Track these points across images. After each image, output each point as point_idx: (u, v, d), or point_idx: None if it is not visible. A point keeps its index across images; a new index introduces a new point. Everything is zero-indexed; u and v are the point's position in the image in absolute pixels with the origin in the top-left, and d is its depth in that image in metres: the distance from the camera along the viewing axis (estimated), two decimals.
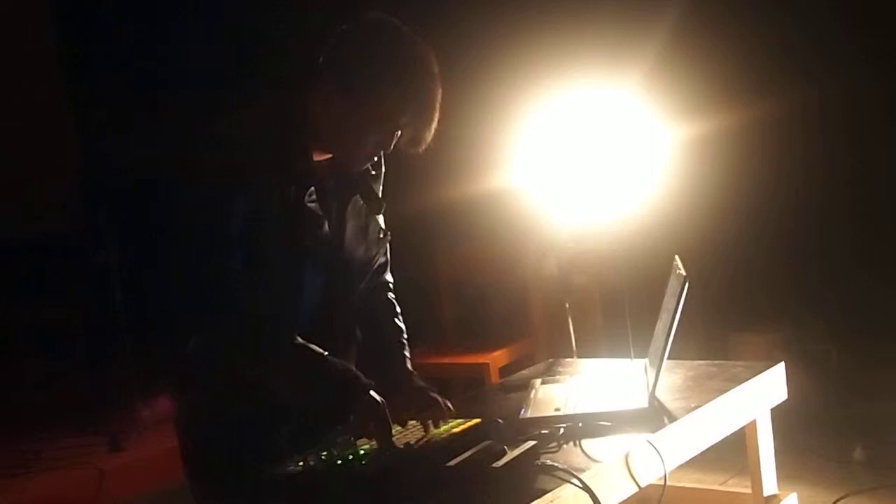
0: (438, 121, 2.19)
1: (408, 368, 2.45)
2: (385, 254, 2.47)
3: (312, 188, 2.18)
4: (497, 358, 4.61)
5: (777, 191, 4.39)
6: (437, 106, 2.17)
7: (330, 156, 2.23)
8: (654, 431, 2.15)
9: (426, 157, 2.29)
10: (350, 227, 2.29)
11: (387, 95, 2.11)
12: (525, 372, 2.94)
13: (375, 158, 2.26)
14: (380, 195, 2.34)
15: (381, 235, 2.38)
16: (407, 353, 2.48)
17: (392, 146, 2.21)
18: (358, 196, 2.30)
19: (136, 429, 4.41)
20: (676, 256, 2.44)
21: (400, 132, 2.18)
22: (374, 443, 2.12)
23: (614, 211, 3.11)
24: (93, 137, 5.54)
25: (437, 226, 5.05)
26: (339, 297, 2.29)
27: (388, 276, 2.53)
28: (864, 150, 4.34)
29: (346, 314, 2.33)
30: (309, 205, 2.18)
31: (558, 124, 3.03)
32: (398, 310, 2.52)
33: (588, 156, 3.01)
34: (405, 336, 2.50)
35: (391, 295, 2.53)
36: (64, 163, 5.51)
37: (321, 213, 2.20)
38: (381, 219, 2.38)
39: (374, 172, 2.32)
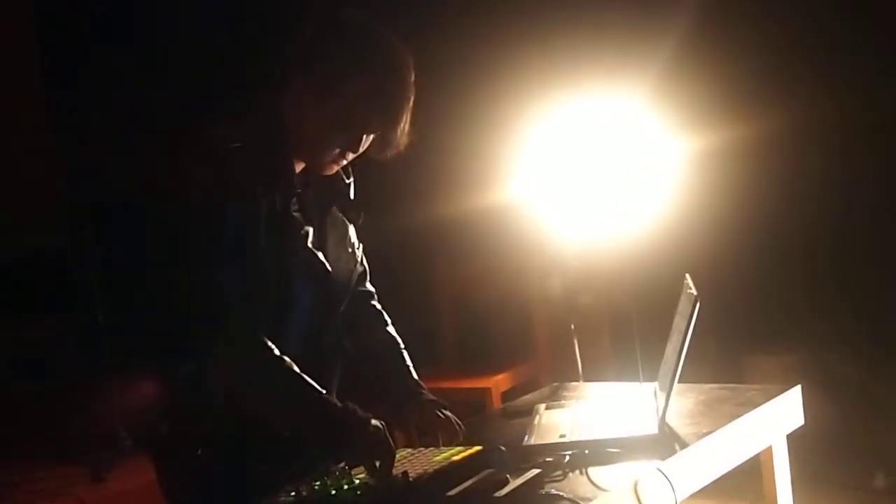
0: (412, 126, 2.23)
1: (413, 379, 2.48)
2: (362, 263, 2.50)
3: (295, 198, 2.22)
4: (499, 382, 4.62)
5: (792, 205, 4.40)
6: (408, 106, 2.22)
7: (303, 166, 2.27)
8: (664, 458, 2.15)
9: (425, 171, 2.32)
10: (331, 239, 2.33)
11: (355, 92, 2.15)
12: (529, 396, 2.95)
13: (344, 162, 2.28)
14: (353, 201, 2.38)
15: (358, 246, 2.43)
16: (409, 362, 2.51)
17: (361, 148, 2.24)
18: (335, 207, 2.34)
19: (119, 459, 4.41)
20: (687, 275, 2.45)
21: (368, 135, 2.22)
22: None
23: (622, 227, 3.12)
24: (74, 153, 5.55)
25: (437, 243, 5.06)
26: (326, 310, 2.31)
27: (370, 286, 2.56)
28: (885, 162, 4.34)
29: (333, 328, 2.36)
30: (294, 214, 2.22)
31: (563, 137, 3.04)
32: (387, 318, 2.56)
33: (594, 170, 3.03)
34: (402, 345, 2.53)
35: (377, 304, 2.57)
36: (44, 179, 5.53)
37: (304, 222, 2.25)
38: (352, 230, 2.42)
39: (347, 181, 2.36)
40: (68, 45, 5.60)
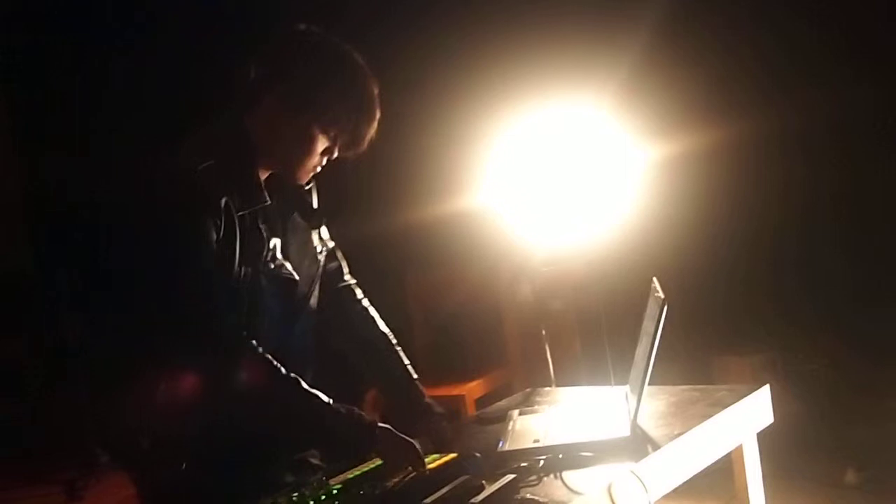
0: (379, 124, 2.31)
1: (416, 386, 2.58)
2: (335, 258, 2.57)
3: (261, 210, 2.27)
4: (473, 389, 4.63)
5: (756, 208, 4.45)
6: (377, 103, 2.30)
7: (269, 174, 2.32)
8: (637, 460, 2.17)
9: (393, 178, 2.36)
10: (293, 245, 2.38)
11: (330, 102, 2.24)
12: (502, 403, 2.96)
13: (318, 168, 2.34)
14: (315, 207, 2.43)
15: (321, 249, 2.47)
16: (406, 361, 2.59)
17: (336, 153, 2.31)
18: (296, 213, 2.39)
19: (95, 475, 4.39)
20: (654, 278, 2.48)
21: (340, 139, 2.29)
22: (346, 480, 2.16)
23: (589, 233, 3.14)
24: (38, 171, 5.51)
25: (405, 251, 5.07)
26: (293, 318, 2.37)
27: (349, 279, 2.61)
28: (848, 165, 4.40)
29: (302, 333, 2.40)
30: (260, 227, 2.27)
31: (529, 144, 3.06)
32: (375, 315, 2.61)
33: (561, 176, 3.05)
34: (395, 341, 2.59)
35: (364, 301, 2.62)
36: (8, 197, 5.49)
37: (268, 235, 2.30)
38: (322, 231, 2.48)
39: (307, 186, 2.41)
40: (33, 63, 5.55)
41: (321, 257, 2.48)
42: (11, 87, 5.66)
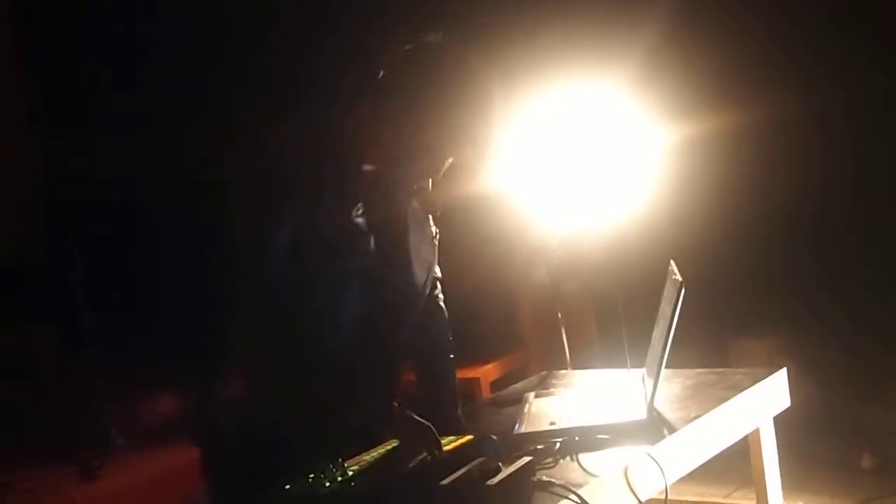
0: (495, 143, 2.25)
1: (454, 402, 2.56)
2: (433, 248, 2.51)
3: (360, 204, 2.21)
4: (488, 372, 4.63)
5: (774, 192, 4.42)
6: (489, 132, 2.22)
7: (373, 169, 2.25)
8: (653, 443, 2.18)
9: None
10: (413, 231, 2.35)
11: (431, 127, 2.15)
12: (518, 385, 2.97)
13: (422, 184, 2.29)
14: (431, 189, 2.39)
15: (434, 235, 2.45)
16: (454, 370, 2.61)
17: (442, 172, 2.24)
18: (415, 200, 2.35)
19: (110, 456, 4.41)
20: (672, 261, 2.48)
21: (452, 159, 2.22)
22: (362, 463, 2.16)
23: (606, 215, 3.14)
24: (60, 154, 5.49)
25: None
26: (405, 307, 2.34)
27: (434, 273, 2.55)
28: (864, 151, 4.37)
29: (408, 328, 2.38)
30: (356, 220, 2.20)
31: (546, 126, 3.05)
32: (445, 317, 2.64)
33: (578, 159, 3.04)
34: (452, 349, 2.64)
35: (440, 301, 2.62)
36: (27, 188, 5.49)
37: (367, 230, 2.23)
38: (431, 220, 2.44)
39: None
40: (58, 28, 5.48)
41: (434, 246, 2.44)
42: (31, 76, 5.64)
